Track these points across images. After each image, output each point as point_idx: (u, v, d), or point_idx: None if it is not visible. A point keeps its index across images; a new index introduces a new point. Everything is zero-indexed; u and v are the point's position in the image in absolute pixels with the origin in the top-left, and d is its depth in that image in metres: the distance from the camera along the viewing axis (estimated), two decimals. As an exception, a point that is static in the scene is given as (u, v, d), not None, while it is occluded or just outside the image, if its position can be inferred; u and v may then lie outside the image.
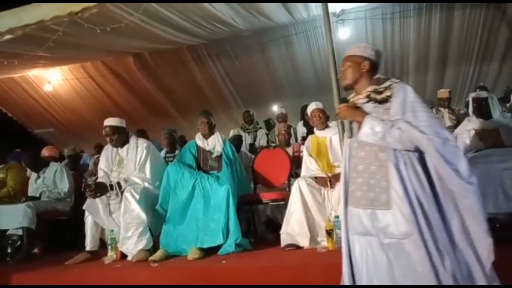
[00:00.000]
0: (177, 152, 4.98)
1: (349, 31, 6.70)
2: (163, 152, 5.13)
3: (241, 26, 5.94)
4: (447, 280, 1.83)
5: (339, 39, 6.51)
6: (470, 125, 3.36)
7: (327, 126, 3.77)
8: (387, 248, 1.92)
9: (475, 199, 1.86)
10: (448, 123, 4.96)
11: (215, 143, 3.82)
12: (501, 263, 2.25)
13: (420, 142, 1.90)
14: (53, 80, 7.85)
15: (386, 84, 2.06)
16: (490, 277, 1.88)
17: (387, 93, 2.03)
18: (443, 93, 5.44)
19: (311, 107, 3.83)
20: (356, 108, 2.11)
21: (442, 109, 5.28)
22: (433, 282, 1.83)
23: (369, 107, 2.07)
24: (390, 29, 6.79)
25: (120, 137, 3.77)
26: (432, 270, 1.83)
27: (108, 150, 3.88)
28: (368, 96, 2.08)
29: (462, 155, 1.91)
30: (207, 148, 3.83)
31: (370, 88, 2.09)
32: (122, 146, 3.79)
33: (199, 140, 3.88)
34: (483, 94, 3.41)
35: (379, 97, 2.06)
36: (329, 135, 3.68)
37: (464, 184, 1.86)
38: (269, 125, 6.71)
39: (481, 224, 1.87)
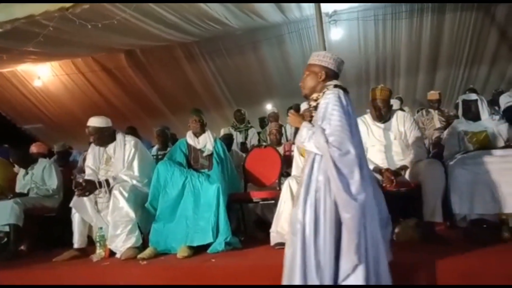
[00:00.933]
0: (169, 149, 4.95)
1: (342, 31, 6.74)
2: (155, 149, 5.10)
3: (234, 25, 5.94)
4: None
5: (331, 39, 6.54)
6: (460, 127, 3.39)
7: (318, 126, 3.77)
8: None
9: (353, 215, 1.94)
10: (438, 124, 5.01)
11: (206, 142, 3.80)
12: (493, 263, 2.28)
13: (322, 150, 2.04)
14: (43, 75, 7.77)
15: (323, 91, 2.22)
16: None
17: (319, 100, 2.20)
18: (433, 95, 5.49)
19: (303, 106, 3.84)
20: (301, 115, 2.32)
21: (432, 110, 5.33)
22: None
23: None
24: (382, 30, 6.84)
25: (103, 137, 3.72)
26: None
27: (95, 148, 3.84)
28: (309, 103, 2.29)
29: (358, 171, 1.99)
30: (198, 147, 3.81)
31: (314, 96, 2.28)
32: (107, 144, 3.75)
33: (190, 138, 3.86)
34: (473, 96, 3.44)
35: (314, 104, 2.25)
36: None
37: (348, 199, 1.95)
38: (263, 123, 6.70)
39: (352, 241, 1.95)
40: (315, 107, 2.24)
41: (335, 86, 2.22)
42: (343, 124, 2.05)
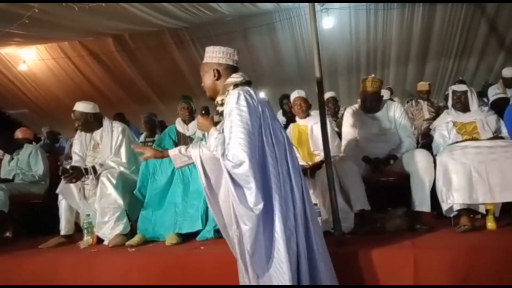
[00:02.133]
0: (156, 136, 4.90)
1: (333, 20, 6.70)
2: (142, 136, 5.05)
3: (225, 11, 5.86)
4: None
5: (323, 28, 6.50)
6: (449, 118, 3.41)
7: (308, 115, 3.77)
8: None
9: (251, 226, 1.91)
10: (427, 115, 5.05)
11: (195, 129, 3.77)
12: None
13: (220, 160, 2.00)
14: (28, 59, 7.57)
15: (226, 94, 2.12)
16: None
17: (225, 105, 2.10)
18: (422, 85, 5.52)
19: (293, 95, 3.82)
20: (210, 119, 2.24)
21: (421, 101, 5.36)
22: None
23: None
24: (373, 20, 6.83)
25: (88, 123, 3.66)
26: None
27: (82, 134, 3.77)
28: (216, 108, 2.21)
29: (253, 180, 1.91)
30: (188, 134, 3.77)
31: (218, 99, 2.20)
32: (93, 130, 3.69)
33: (179, 125, 3.82)
34: (463, 87, 3.46)
35: (220, 109, 2.16)
36: (310, 124, 3.68)
37: (245, 210, 1.92)
38: None
39: (246, 252, 1.97)
40: (221, 113, 2.16)
41: (235, 86, 2.13)
42: (239, 133, 1.95)
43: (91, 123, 3.67)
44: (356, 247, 2.59)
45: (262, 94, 3.03)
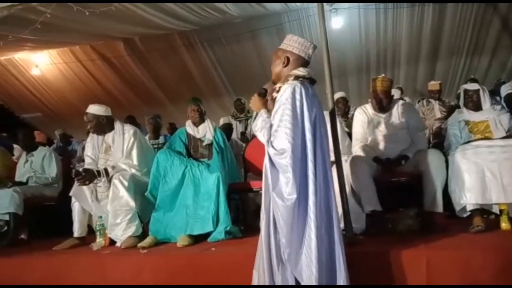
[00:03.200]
0: (160, 138, 4.91)
1: (342, 20, 6.67)
2: (146, 137, 5.09)
3: (233, 13, 5.88)
4: None
5: (332, 28, 6.48)
6: (461, 117, 3.37)
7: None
8: None
9: (285, 216, 2.01)
10: (438, 114, 4.99)
11: (205, 131, 3.78)
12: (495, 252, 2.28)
13: (265, 145, 2.10)
14: (40, 63, 7.69)
15: (285, 82, 2.18)
16: None
17: (279, 92, 2.17)
18: (434, 85, 5.46)
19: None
20: (264, 100, 2.30)
21: (432, 100, 5.31)
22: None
23: None
24: (383, 19, 6.77)
25: (101, 125, 3.70)
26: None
27: (94, 137, 3.82)
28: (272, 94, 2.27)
29: (291, 171, 2.00)
30: (198, 136, 3.79)
31: (277, 86, 2.24)
32: (105, 133, 3.73)
33: (189, 127, 3.84)
34: (475, 86, 3.42)
35: (275, 95, 2.21)
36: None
37: (278, 198, 2.02)
38: None
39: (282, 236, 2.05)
40: (275, 98, 2.22)
41: (296, 77, 2.18)
42: (288, 123, 2.04)
43: (103, 125, 3.71)
44: (367, 248, 2.58)
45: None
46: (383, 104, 3.35)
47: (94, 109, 3.68)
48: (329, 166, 2.19)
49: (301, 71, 2.22)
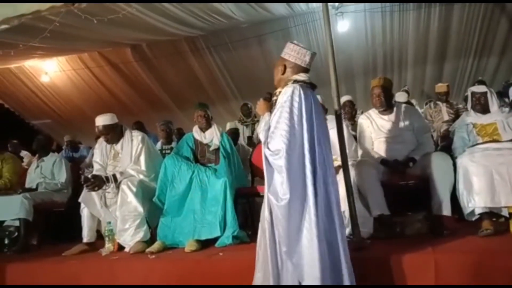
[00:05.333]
0: (173, 144, 4.96)
1: (348, 23, 6.68)
2: (159, 144, 5.12)
3: (239, 18, 5.91)
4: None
5: (338, 31, 6.49)
6: (469, 119, 3.35)
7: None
8: None
9: (275, 215, 2.06)
10: (446, 117, 4.96)
11: (212, 136, 3.80)
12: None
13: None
14: (49, 71, 7.80)
15: (283, 87, 2.24)
16: None
17: (279, 95, 2.23)
18: (441, 87, 5.43)
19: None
20: (269, 104, 2.34)
21: (440, 103, 5.27)
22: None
23: None
24: (389, 22, 6.76)
25: (115, 134, 3.75)
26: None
27: (102, 144, 3.86)
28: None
29: (285, 171, 2.03)
30: (205, 141, 3.81)
31: (276, 91, 2.31)
32: (118, 140, 3.77)
33: (196, 133, 3.85)
34: (482, 88, 3.39)
35: (274, 98, 2.27)
36: (327, 129, 3.66)
37: (272, 197, 2.06)
38: None
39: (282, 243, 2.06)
40: (275, 101, 2.27)
41: (295, 81, 2.21)
42: (284, 125, 2.08)
43: (117, 134, 3.76)
44: (375, 252, 2.57)
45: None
46: (382, 99, 3.34)
47: (104, 120, 3.69)
48: (331, 168, 2.21)
49: (300, 76, 2.27)
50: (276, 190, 2.05)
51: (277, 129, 2.10)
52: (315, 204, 2.04)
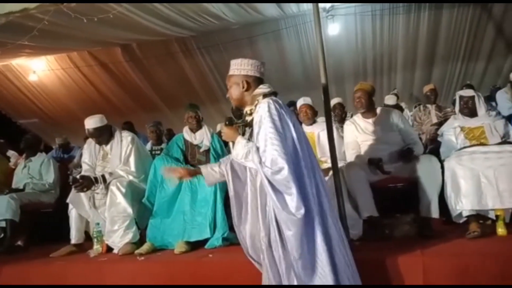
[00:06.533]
0: (163, 145, 4.94)
1: (339, 26, 6.72)
2: (149, 145, 5.09)
3: (230, 19, 5.91)
4: None
5: (328, 34, 6.52)
6: (456, 123, 3.39)
7: (314, 122, 3.77)
8: None
9: (295, 232, 1.96)
10: (435, 120, 5.00)
11: (203, 137, 3.79)
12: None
13: (258, 169, 2.06)
14: (38, 69, 7.70)
15: (255, 104, 2.20)
16: None
17: (253, 114, 2.18)
18: (427, 86, 5.49)
19: (299, 102, 3.84)
20: (235, 129, 2.30)
21: (429, 106, 5.32)
22: None
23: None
24: (379, 25, 6.82)
25: (106, 135, 3.72)
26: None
27: (91, 144, 3.82)
28: (245, 118, 2.27)
29: (293, 185, 1.97)
30: (195, 142, 3.79)
31: (247, 109, 2.27)
32: (109, 141, 3.74)
33: (186, 134, 3.84)
34: (470, 92, 3.44)
35: (249, 119, 2.23)
36: (317, 131, 3.69)
37: (287, 216, 1.96)
38: None
39: (292, 258, 1.99)
40: (250, 123, 2.22)
41: (264, 96, 2.19)
42: (274, 140, 2.03)
43: (107, 135, 3.73)
44: (364, 254, 2.58)
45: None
46: (362, 101, 3.40)
47: (93, 122, 3.65)
48: (319, 172, 2.21)
49: (264, 89, 2.23)
50: (287, 206, 1.98)
51: (268, 147, 2.03)
52: (319, 211, 2.04)
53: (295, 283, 2.01)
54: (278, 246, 2.05)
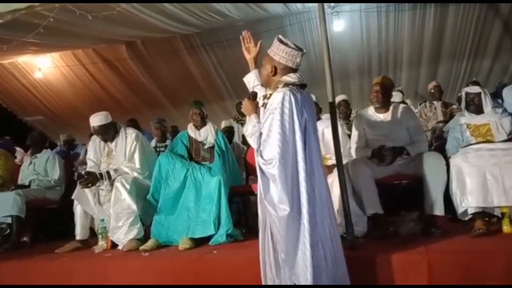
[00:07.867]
0: (167, 141, 4.95)
1: (344, 23, 6.69)
2: (153, 141, 5.10)
3: (235, 16, 5.90)
4: None
5: (333, 31, 6.49)
6: (462, 120, 3.37)
7: (319, 119, 3.76)
8: None
9: (272, 221, 2.06)
10: (441, 117, 4.98)
11: (207, 134, 3.79)
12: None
13: (255, 153, 2.11)
14: (43, 67, 7.73)
15: (275, 89, 2.21)
16: None
17: (270, 99, 2.19)
18: (432, 83, 5.46)
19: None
20: (255, 104, 2.31)
21: (435, 102, 5.30)
22: None
23: None
24: (384, 22, 6.78)
25: (111, 132, 3.75)
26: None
27: (96, 141, 3.85)
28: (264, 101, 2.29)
29: (279, 180, 2.01)
30: (199, 139, 3.80)
31: (267, 92, 2.29)
32: (114, 138, 3.75)
33: (191, 130, 3.85)
34: (476, 89, 3.41)
35: (266, 102, 2.23)
36: (321, 128, 3.66)
37: (270, 207, 2.04)
38: None
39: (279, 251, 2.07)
40: (265, 105, 2.24)
41: (285, 85, 2.18)
42: (277, 134, 2.05)
43: (112, 132, 3.75)
44: (369, 251, 2.58)
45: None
46: (379, 95, 3.36)
47: (98, 120, 3.67)
48: (322, 171, 2.20)
49: (291, 77, 2.22)
50: (272, 198, 2.03)
51: (269, 137, 2.07)
52: (308, 211, 2.03)
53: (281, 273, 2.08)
54: (273, 237, 2.13)
